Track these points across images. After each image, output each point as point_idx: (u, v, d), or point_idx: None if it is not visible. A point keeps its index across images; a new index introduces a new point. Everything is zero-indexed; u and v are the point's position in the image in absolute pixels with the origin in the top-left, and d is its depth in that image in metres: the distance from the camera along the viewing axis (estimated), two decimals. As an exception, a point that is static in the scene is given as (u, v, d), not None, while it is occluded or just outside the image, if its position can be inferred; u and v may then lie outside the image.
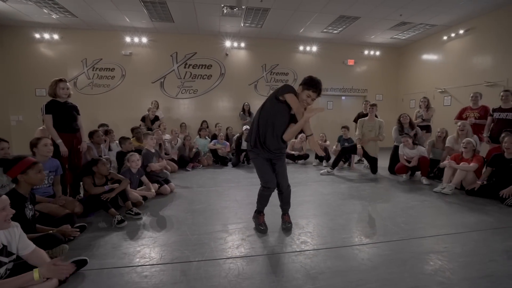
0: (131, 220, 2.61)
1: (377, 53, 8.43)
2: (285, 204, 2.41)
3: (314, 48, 8.07)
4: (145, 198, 3.14)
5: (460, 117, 4.68)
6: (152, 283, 1.60)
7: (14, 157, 1.98)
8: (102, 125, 4.66)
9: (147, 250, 2.00)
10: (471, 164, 3.51)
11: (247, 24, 6.86)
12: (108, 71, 7.20)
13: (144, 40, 7.18)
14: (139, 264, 1.81)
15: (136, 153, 3.17)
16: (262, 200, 2.36)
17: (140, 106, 7.03)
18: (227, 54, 7.75)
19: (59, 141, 2.90)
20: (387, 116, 7.22)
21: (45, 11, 6.00)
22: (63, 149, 2.90)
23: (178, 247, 2.04)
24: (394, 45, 8.34)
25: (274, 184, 2.26)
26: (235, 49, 7.78)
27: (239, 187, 3.86)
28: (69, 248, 1.98)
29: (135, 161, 3.10)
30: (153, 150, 3.66)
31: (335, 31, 7.31)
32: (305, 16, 6.29)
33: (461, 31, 6.46)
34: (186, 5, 5.65)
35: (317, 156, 5.91)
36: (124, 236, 2.25)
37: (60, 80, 2.89)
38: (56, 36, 6.78)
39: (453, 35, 6.69)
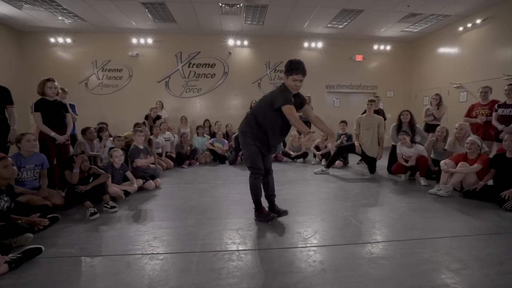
0: (107, 213, 2.70)
1: (388, 47, 8.02)
2: (271, 190, 2.49)
3: (320, 44, 7.85)
4: (128, 192, 3.24)
5: (469, 115, 4.31)
6: (95, 273, 1.64)
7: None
8: (101, 123, 4.87)
9: (106, 241, 2.06)
10: (475, 165, 3.21)
11: (248, 22, 6.83)
12: (116, 71, 7.53)
13: (150, 41, 7.41)
14: (93, 254, 1.86)
15: (119, 149, 3.28)
16: (257, 189, 2.39)
17: (147, 105, 7.19)
18: (230, 53, 7.78)
19: (52, 133, 3.09)
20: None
21: (60, 18, 6.39)
22: (60, 138, 3.11)
23: (136, 240, 2.07)
24: (406, 38, 7.88)
25: (263, 169, 2.36)
26: (238, 47, 7.79)
27: (224, 185, 3.86)
28: (36, 237, 2.08)
29: (118, 157, 3.20)
30: (141, 146, 3.75)
31: (340, 26, 7.05)
32: (305, 11, 6.13)
33: (478, 21, 5.95)
34: (185, 5, 5.74)
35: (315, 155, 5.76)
36: (93, 228, 2.33)
37: (48, 80, 3.06)
38: (69, 40, 7.20)
39: (469, 25, 6.18)
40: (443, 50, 7.12)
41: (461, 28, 6.41)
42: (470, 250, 1.89)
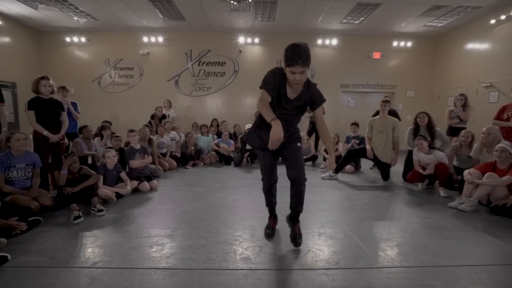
0: (94, 216, 2.60)
1: (409, 44, 7.45)
2: (294, 202, 1.99)
3: (334, 41, 7.45)
4: (120, 195, 3.13)
5: (499, 117, 3.81)
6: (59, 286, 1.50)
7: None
8: (104, 121, 4.86)
9: (79, 250, 1.93)
10: (505, 177, 2.78)
11: (259, 19, 6.59)
12: (128, 70, 7.58)
13: (160, 39, 7.38)
14: (60, 265, 1.72)
15: (112, 149, 3.18)
16: (266, 197, 2.15)
17: (156, 103, 7.17)
18: (240, 51, 7.59)
19: (45, 132, 3.05)
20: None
21: (75, 18, 6.52)
22: (53, 138, 3.07)
23: (110, 250, 1.92)
24: (429, 34, 7.28)
25: (272, 178, 2.04)
26: (249, 45, 7.57)
27: (223, 189, 3.66)
28: (11, 242, 2.00)
29: (110, 157, 3.10)
30: (137, 147, 3.64)
31: (356, 21, 6.62)
32: (317, 6, 5.79)
33: (514, 12, 5.32)
34: (192, 1, 5.61)
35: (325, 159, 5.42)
36: (72, 233, 2.21)
37: (42, 78, 3.01)
38: (83, 39, 7.34)
39: (503, 17, 5.54)
40: (472, 45, 6.47)
41: (493, 21, 5.78)
42: (495, 285, 1.55)
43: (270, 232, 2.17)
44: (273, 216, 2.26)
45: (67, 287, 1.51)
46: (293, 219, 2.07)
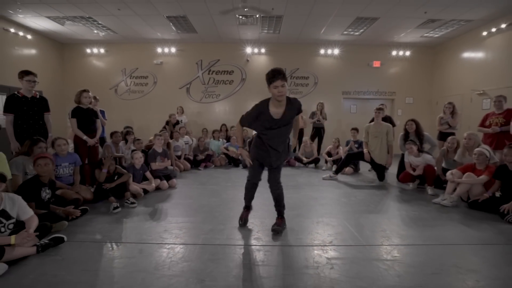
0: (127, 208, 3.08)
1: (407, 53, 7.87)
2: (276, 204, 2.52)
3: (336, 51, 7.92)
4: (146, 191, 3.62)
5: (483, 124, 4.22)
6: (113, 256, 1.97)
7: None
8: (126, 127, 5.39)
9: (125, 231, 2.41)
10: (481, 176, 3.19)
11: (265, 31, 7.11)
12: (142, 78, 8.17)
13: (173, 50, 7.95)
14: (113, 241, 2.21)
15: (139, 151, 3.68)
16: (246, 193, 2.60)
17: (169, 110, 7.71)
18: (248, 60, 8.11)
19: (85, 137, 3.57)
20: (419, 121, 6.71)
21: (95, 31, 7.14)
22: (90, 141, 3.59)
23: (149, 231, 2.40)
24: (426, 43, 7.69)
25: (257, 179, 2.52)
26: (256, 55, 8.09)
27: (234, 187, 4.13)
28: (70, 225, 2.49)
29: (138, 158, 3.60)
30: (159, 150, 4.13)
31: (357, 33, 7.09)
32: (320, 20, 6.28)
33: (503, 25, 5.72)
34: (205, 17, 6.16)
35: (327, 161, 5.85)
36: (115, 220, 2.70)
37: (84, 91, 3.55)
38: (102, 50, 7.97)
39: (494, 30, 5.95)
40: (466, 55, 6.87)
41: (485, 33, 6.18)
42: (450, 258, 1.97)
43: (242, 223, 2.53)
44: (247, 208, 2.64)
45: (124, 255, 1.99)
46: (278, 213, 2.54)
